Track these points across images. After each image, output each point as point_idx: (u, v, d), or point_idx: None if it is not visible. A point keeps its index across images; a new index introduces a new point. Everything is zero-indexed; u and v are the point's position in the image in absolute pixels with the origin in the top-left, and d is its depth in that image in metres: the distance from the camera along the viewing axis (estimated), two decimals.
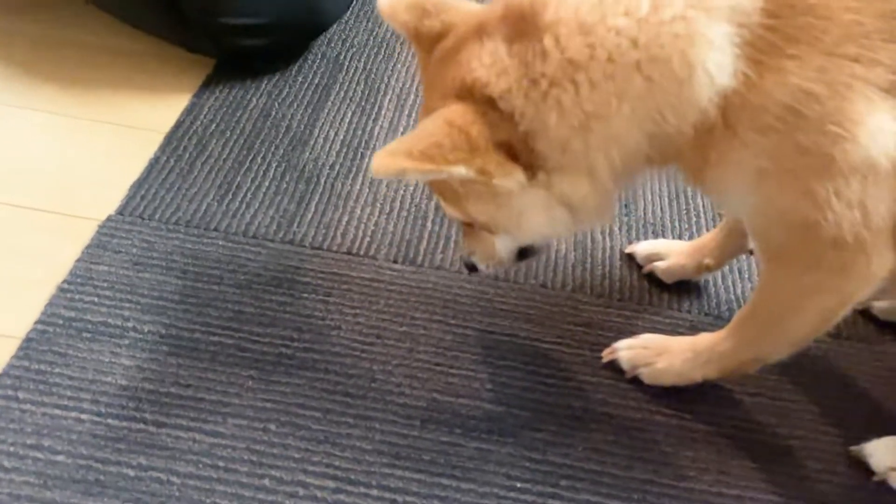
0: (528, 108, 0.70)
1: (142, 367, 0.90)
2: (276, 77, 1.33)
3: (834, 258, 0.72)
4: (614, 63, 0.68)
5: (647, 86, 0.68)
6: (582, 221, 0.79)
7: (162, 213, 1.08)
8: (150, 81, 1.31)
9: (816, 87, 0.66)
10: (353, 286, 1.02)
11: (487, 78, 0.71)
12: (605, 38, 0.68)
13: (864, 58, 0.65)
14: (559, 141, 0.71)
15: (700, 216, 1.17)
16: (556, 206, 0.76)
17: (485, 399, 0.91)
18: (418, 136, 0.70)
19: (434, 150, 0.69)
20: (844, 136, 0.66)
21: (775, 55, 0.66)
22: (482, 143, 0.70)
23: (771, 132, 0.68)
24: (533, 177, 0.74)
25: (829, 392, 0.96)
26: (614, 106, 0.69)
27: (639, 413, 0.91)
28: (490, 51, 0.71)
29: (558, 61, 0.69)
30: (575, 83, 0.69)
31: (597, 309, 1.03)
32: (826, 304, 0.77)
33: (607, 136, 0.71)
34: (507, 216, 0.79)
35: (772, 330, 0.83)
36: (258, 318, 0.96)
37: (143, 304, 0.96)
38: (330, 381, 0.90)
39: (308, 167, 1.18)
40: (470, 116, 0.70)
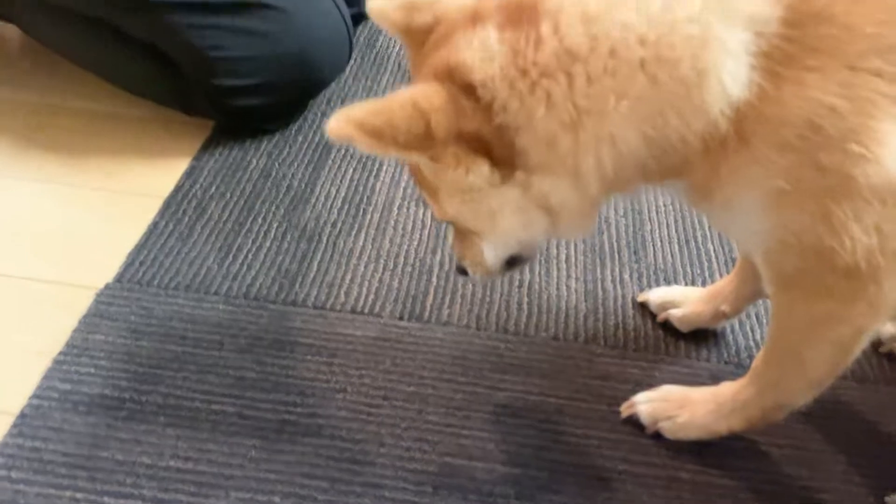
0: (512, 101, 0.66)
1: (139, 440, 0.86)
2: (276, 137, 1.33)
3: (845, 287, 0.68)
4: (617, 58, 0.64)
5: (651, 86, 0.64)
6: (560, 228, 0.74)
7: (161, 278, 1.05)
8: (150, 146, 1.30)
9: (839, 102, 0.62)
10: (358, 346, 0.98)
11: (472, 62, 0.66)
12: (609, 30, 0.63)
13: (886, 73, 0.62)
14: (545, 137, 0.66)
15: (712, 261, 1.14)
16: (532, 208, 0.71)
17: (499, 461, 0.86)
18: (378, 109, 0.65)
19: (386, 128, 0.64)
20: (868, 156, 0.63)
21: (794, 67, 0.63)
22: (441, 132, 0.65)
23: (789, 150, 0.64)
24: (510, 175, 0.69)
25: (860, 439, 0.92)
26: (611, 103, 0.64)
27: (662, 470, 0.86)
28: (480, 36, 0.67)
29: (554, 50, 0.64)
30: (569, 75, 0.64)
31: (612, 360, 0.99)
32: (840, 336, 0.73)
33: (600, 135, 0.66)
34: (477, 215, 0.74)
35: (790, 369, 0.79)
36: (260, 384, 0.92)
37: (141, 374, 0.93)
38: (336, 448, 0.86)
39: (310, 226, 1.16)
40: (438, 101, 0.65)
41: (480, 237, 0.80)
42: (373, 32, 1.64)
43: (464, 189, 0.71)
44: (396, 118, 0.64)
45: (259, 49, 1.21)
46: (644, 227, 1.20)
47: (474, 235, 0.81)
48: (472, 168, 0.68)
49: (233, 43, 1.20)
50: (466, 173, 0.69)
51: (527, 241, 0.78)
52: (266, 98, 1.26)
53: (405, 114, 0.65)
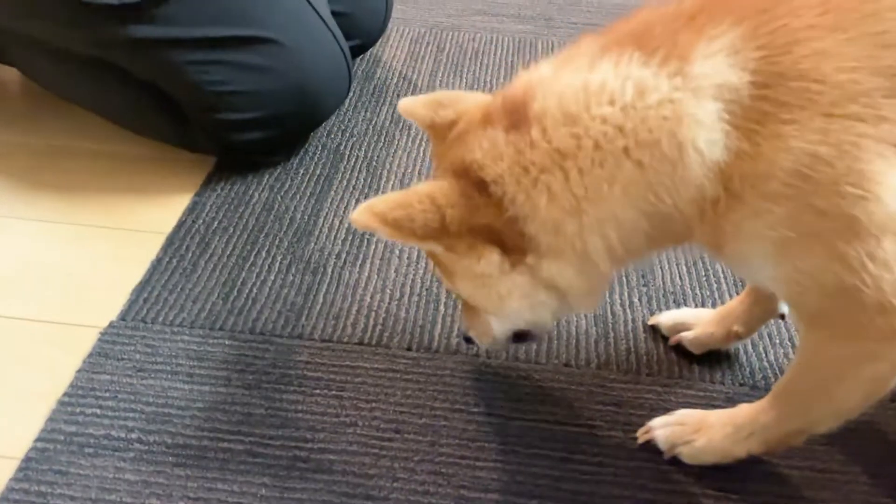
0: (519, 194, 0.71)
1: (147, 481, 0.84)
2: (278, 170, 1.33)
3: (882, 324, 0.67)
4: (601, 150, 0.68)
5: (638, 169, 0.68)
6: (569, 306, 0.79)
7: (165, 315, 1.04)
8: (152, 184, 1.30)
9: (822, 149, 0.63)
10: (368, 378, 0.97)
11: (483, 161, 0.72)
12: (589, 127, 0.68)
13: (867, 116, 0.63)
14: (551, 223, 0.71)
15: (721, 282, 1.13)
16: (540, 290, 0.76)
17: (516, 492, 0.85)
18: (398, 202, 0.72)
19: (406, 222, 0.71)
20: (865, 196, 0.63)
21: (770, 122, 0.64)
22: (455, 225, 0.72)
23: (782, 199, 0.65)
24: (520, 261, 0.74)
25: (882, 460, 0.90)
26: (605, 190, 0.69)
27: (683, 497, 0.85)
28: (490, 137, 0.73)
29: (546, 151, 0.70)
30: (563, 170, 0.69)
31: (625, 386, 0.97)
32: (878, 373, 0.72)
33: (601, 217, 0.70)
34: (487, 298, 0.79)
35: (817, 400, 0.77)
36: (269, 420, 0.91)
37: (148, 413, 0.91)
38: (349, 484, 0.84)
39: (314, 258, 1.15)
40: (454, 197, 0.72)
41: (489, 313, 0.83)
42: (371, 65, 1.65)
43: (475, 275, 0.76)
44: (415, 212, 0.72)
45: (260, 84, 1.21)
46: None
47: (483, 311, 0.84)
48: (484, 256, 0.74)
49: (234, 78, 1.20)
50: (478, 261, 0.74)
51: (534, 321, 0.82)
52: (267, 132, 1.26)
53: (423, 208, 0.72)
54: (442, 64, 1.66)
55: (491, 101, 0.77)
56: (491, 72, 1.64)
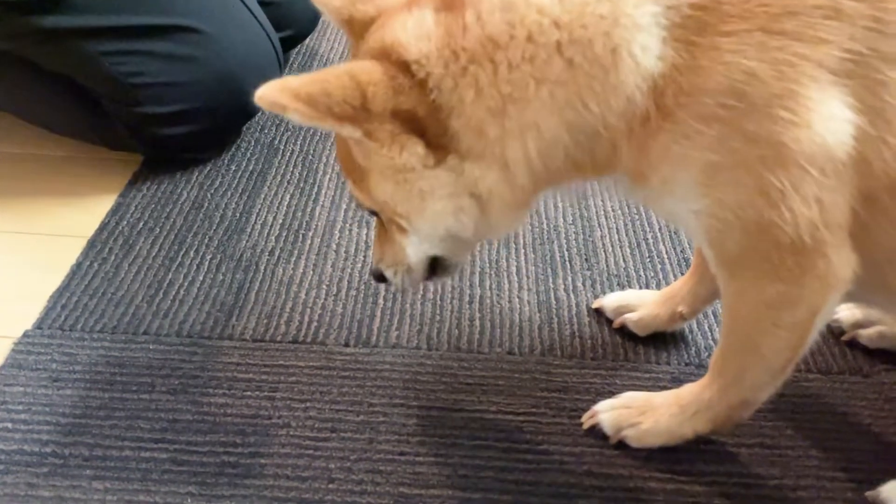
0: (447, 80, 0.65)
1: (63, 496, 0.78)
2: (208, 167, 1.27)
3: (793, 264, 0.66)
4: (534, 43, 0.63)
5: (568, 69, 0.64)
6: (489, 220, 0.72)
7: (85, 322, 0.98)
8: (72, 186, 1.24)
9: (758, 66, 0.60)
10: (302, 377, 0.92)
11: (406, 40, 0.66)
12: (525, 15, 0.63)
13: (805, 35, 0.60)
14: (475, 122, 0.66)
15: (665, 263, 1.12)
16: (463, 195, 0.70)
17: (458, 486, 0.81)
18: (313, 79, 0.64)
19: (322, 97, 0.63)
20: (796, 121, 0.61)
21: (709, 34, 0.61)
22: (378, 106, 0.65)
23: (714, 120, 0.62)
24: (443, 158, 0.68)
25: (830, 432, 0.88)
26: (532, 89, 0.64)
27: (630, 481, 0.82)
28: (416, 18, 0.67)
29: (478, 37, 0.64)
30: (493, 62, 0.64)
31: (570, 371, 0.94)
32: (794, 318, 0.70)
33: (524, 122, 0.65)
34: (406, 197, 0.72)
35: (749, 360, 0.75)
36: (196, 426, 0.86)
37: (64, 425, 0.85)
38: (281, 488, 0.80)
39: (246, 255, 1.10)
40: (376, 76, 0.65)
41: (406, 231, 0.76)
42: (307, 58, 1.60)
43: (396, 169, 0.69)
44: (332, 87, 0.63)
45: (182, 74, 1.16)
46: (594, 234, 1.16)
47: (398, 233, 0.77)
48: (407, 147, 0.67)
49: (153, 69, 1.15)
50: (401, 152, 0.67)
51: (455, 230, 0.75)
52: (193, 125, 1.20)
53: (341, 83, 0.64)
54: None
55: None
56: None
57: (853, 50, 0.61)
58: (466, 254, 0.86)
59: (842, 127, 0.61)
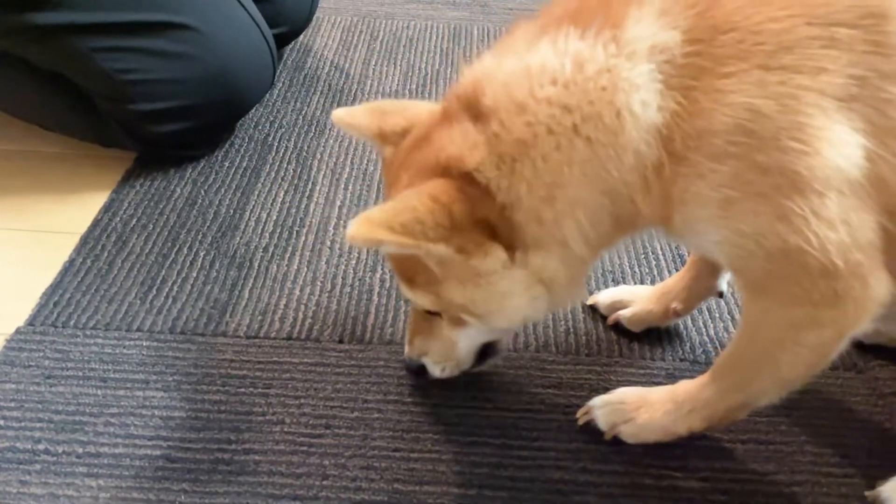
0: (503, 180, 0.68)
1: (55, 494, 0.78)
2: (202, 164, 1.26)
3: (826, 288, 0.65)
4: (554, 134, 0.67)
5: (588, 145, 0.66)
6: (558, 297, 0.75)
7: (77, 318, 0.97)
8: (65, 183, 1.23)
9: (760, 102, 0.61)
10: (296, 374, 0.92)
11: (461, 152, 0.69)
12: (538, 111, 0.67)
13: (805, 67, 0.61)
14: (533, 212, 0.69)
15: (660, 259, 1.12)
16: (535, 284, 0.73)
17: (453, 483, 0.81)
18: (400, 208, 0.67)
19: (416, 225, 0.66)
20: (806, 150, 0.61)
21: (706, 77, 0.63)
22: (464, 220, 0.68)
23: (727, 157, 0.63)
24: (513, 256, 0.71)
25: (824, 428, 0.89)
26: (566, 173, 0.67)
27: (625, 477, 0.82)
28: (459, 130, 0.70)
29: (510, 142, 0.68)
30: (530, 158, 0.68)
31: (565, 368, 0.94)
32: (822, 340, 0.69)
33: (569, 202, 0.68)
34: (489, 299, 0.74)
35: (761, 371, 0.75)
36: (189, 423, 0.85)
37: (57, 422, 0.85)
38: (275, 485, 0.80)
39: (240, 252, 1.10)
40: (453, 193, 0.68)
41: (465, 323, 0.79)
42: (301, 54, 1.59)
43: (478, 274, 0.72)
44: (422, 213, 0.66)
45: (175, 71, 1.15)
46: None
47: (452, 327, 0.80)
48: (490, 252, 0.70)
49: (146, 65, 1.14)
50: (484, 258, 0.70)
51: (531, 317, 0.79)
52: (187, 122, 1.19)
53: (429, 208, 0.67)
54: (375, 52, 1.61)
55: (444, 103, 0.74)
56: (426, 59, 1.60)
57: (854, 75, 0.61)
58: (512, 333, 0.89)
59: (852, 151, 0.62)
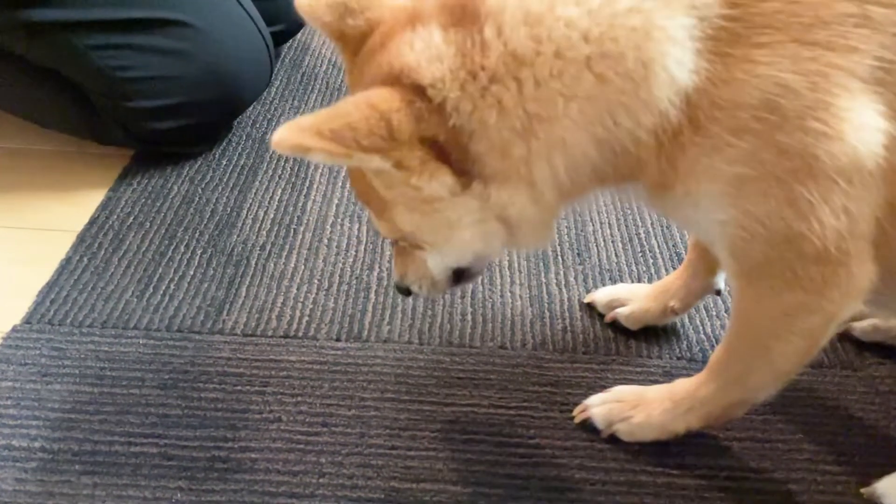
0: (465, 103, 0.62)
1: (52, 491, 0.78)
2: (199, 162, 1.26)
3: (816, 274, 0.65)
4: (563, 58, 0.61)
5: (599, 85, 0.61)
6: (518, 240, 0.71)
7: (74, 316, 0.97)
8: (62, 180, 1.23)
9: (791, 78, 0.59)
10: (293, 372, 0.92)
11: (417, 63, 0.62)
12: (552, 29, 0.61)
13: (837, 45, 0.59)
14: (499, 144, 0.63)
15: (657, 257, 1.12)
16: (490, 219, 0.68)
17: (449, 480, 0.81)
18: (332, 114, 0.61)
19: (347, 131, 0.60)
20: (829, 133, 0.59)
21: (742, 45, 0.60)
22: (404, 133, 0.62)
23: (747, 133, 0.61)
24: (467, 185, 0.65)
25: (821, 426, 0.89)
26: (561, 107, 0.62)
27: (621, 475, 0.82)
28: (423, 37, 0.63)
29: (500, 54, 0.61)
30: (518, 80, 0.61)
31: (562, 366, 0.94)
32: (810, 326, 0.69)
33: (551, 141, 0.63)
34: (435, 227, 0.70)
35: (756, 362, 0.75)
36: (186, 420, 0.85)
37: (53, 420, 0.85)
38: (271, 482, 0.79)
39: (237, 250, 1.10)
40: (396, 103, 0.61)
41: (429, 250, 0.75)
42: (298, 53, 1.59)
43: (423, 199, 0.67)
44: (355, 119, 0.60)
45: (172, 68, 1.15)
46: (586, 228, 1.16)
47: (418, 249, 0.76)
48: (436, 175, 0.64)
49: (143, 63, 1.14)
50: (430, 180, 0.64)
51: (484, 253, 0.74)
52: (184, 120, 1.19)
53: (364, 114, 0.61)
54: None
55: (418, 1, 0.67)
56: None
57: (885, 58, 0.60)
58: (487, 262, 0.82)
59: (873, 136, 0.61)
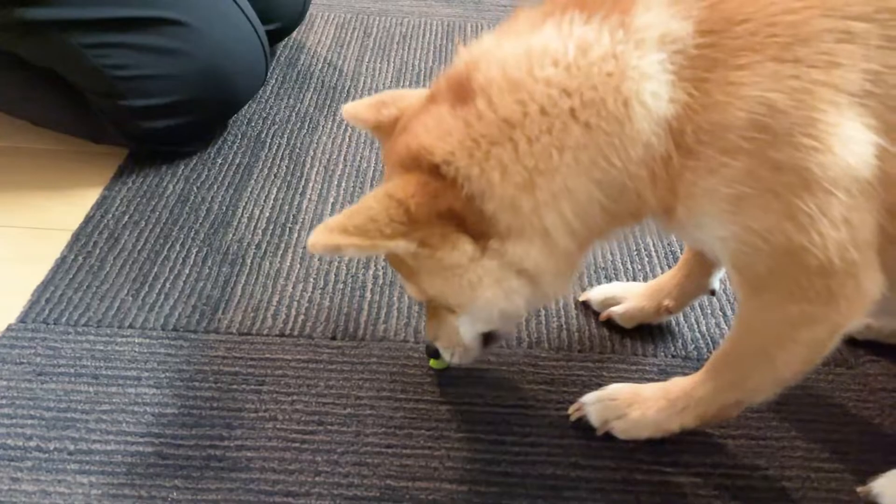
0: (473, 169, 0.67)
1: (47, 490, 0.78)
2: (194, 161, 1.26)
3: (821, 286, 0.65)
4: (548, 115, 0.65)
5: (586, 132, 0.65)
6: (541, 292, 0.74)
7: (69, 315, 0.97)
8: (57, 179, 1.22)
9: (776, 97, 0.61)
10: (289, 370, 0.92)
11: (431, 143, 0.68)
12: (534, 91, 0.66)
13: (819, 61, 0.60)
14: (507, 201, 0.68)
15: (652, 256, 1.12)
16: (510, 276, 0.72)
17: (445, 479, 0.81)
18: (356, 211, 0.68)
19: (369, 224, 0.67)
20: (819, 147, 0.61)
21: (719, 69, 0.62)
22: (422, 215, 0.68)
23: (739, 153, 0.62)
24: (485, 246, 0.70)
25: (815, 424, 0.89)
26: (556, 158, 0.66)
27: (617, 473, 0.82)
28: (435, 116, 0.69)
29: (493, 121, 0.66)
30: (512, 140, 0.66)
31: (557, 364, 0.95)
32: (816, 336, 0.70)
33: (554, 190, 0.67)
34: (458, 290, 0.74)
35: (756, 369, 0.75)
36: (181, 419, 0.85)
37: (49, 419, 0.85)
38: (267, 481, 0.80)
39: (232, 249, 1.10)
40: (411, 189, 0.68)
41: (457, 313, 0.78)
42: (294, 51, 1.59)
43: (446, 267, 0.71)
44: (377, 212, 0.67)
45: (166, 67, 1.15)
46: None
47: (449, 314, 0.79)
48: (457, 245, 0.70)
49: (137, 61, 1.13)
50: (451, 251, 0.70)
51: (509, 311, 0.76)
52: (179, 119, 1.19)
53: (383, 206, 0.67)
54: (369, 49, 1.61)
55: (433, 86, 0.73)
56: (419, 56, 1.59)
57: (869, 70, 0.61)
58: (516, 322, 0.87)
59: (864, 149, 0.61)
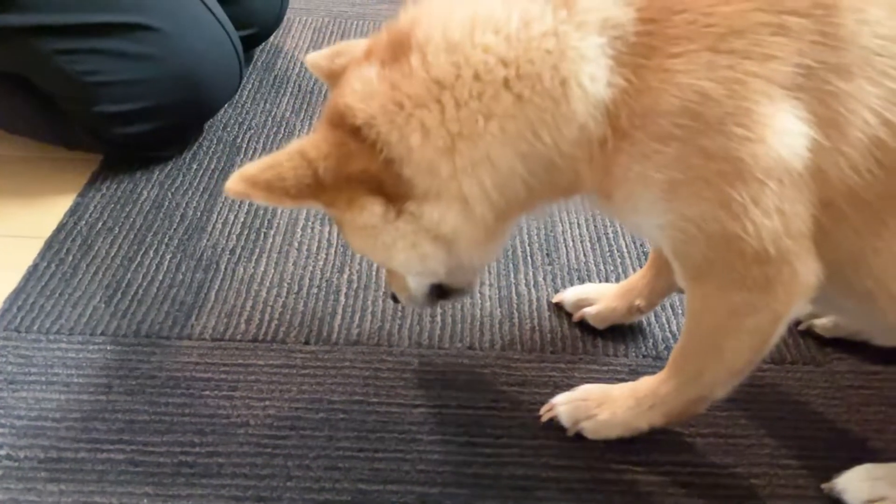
0: (393, 133, 0.67)
1: (17, 499, 0.77)
2: (169, 166, 1.26)
3: (759, 274, 0.67)
4: (481, 81, 0.65)
5: (518, 103, 0.65)
6: (458, 259, 0.74)
7: (41, 323, 0.97)
8: (29, 186, 1.22)
9: (709, 86, 0.61)
10: (262, 376, 0.92)
11: (354, 104, 0.68)
12: (471, 55, 0.65)
13: (754, 53, 0.62)
14: (425, 164, 0.67)
15: (625, 257, 1.13)
16: (425, 240, 0.72)
17: (416, 481, 0.81)
18: (268, 164, 0.67)
19: (277, 182, 0.67)
20: (751, 137, 0.62)
21: (656, 57, 0.63)
22: (329, 178, 0.68)
23: (671, 139, 0.63)
24: (402, 209, 0.70)
25: (783, 421, 0.90)
26: (481, 125, 0.66)
27: (587, 472, 0.83)
28: (364, 75, 0.69)
29: (423, 80, 0.66)
30: (440, 103, 0.66)
31: (530, 365, 0.95)
32: (759, 324, 0.71)
33: (476, 158, 0.67)
34: (374, 249, 0.75)
35: (710, 360, 0.76)
36: (153, 426, 0.85)
37: (19, 427, 0.84)
38: (239, 487, 0.80)
39: (206, 255, 1.10)
40: (326, 148, 0.68)
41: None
42: (271, 55, 1.59)
43: (360, 227, 0.72)
44: (285, 171, 0.67)
45: (139, 72, 1.15)
46: (556, 229, 1.17)
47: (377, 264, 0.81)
48: (366, 207, 0.70)
49: (109, 67, 1.13)
50: (361, 213, 0.70)
51: (426, 273, 0.77)
52: (152, 124, 1.19)
53: (293, 165, 0.67)
54: None
55: (372, 38, 0.72)
56: None
57: (802, 64, 0.62)
58: (468, 279, 0.85)
59: (796, 140, 0.62)
